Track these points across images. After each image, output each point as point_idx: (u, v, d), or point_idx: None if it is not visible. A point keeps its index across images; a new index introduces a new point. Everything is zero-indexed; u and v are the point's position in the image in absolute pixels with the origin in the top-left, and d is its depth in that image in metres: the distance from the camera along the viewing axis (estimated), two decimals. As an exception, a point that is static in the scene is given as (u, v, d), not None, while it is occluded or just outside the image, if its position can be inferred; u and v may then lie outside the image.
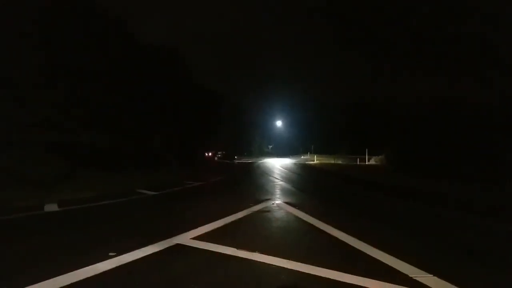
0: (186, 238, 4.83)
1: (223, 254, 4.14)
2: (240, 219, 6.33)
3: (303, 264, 3.71)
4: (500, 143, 15.21)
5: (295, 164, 34.28)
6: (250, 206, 7.60)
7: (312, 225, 5.88)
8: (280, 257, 3.94)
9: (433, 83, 19.72)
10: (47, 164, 12.50)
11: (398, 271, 3.57)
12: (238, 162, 38.28)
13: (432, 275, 3.44)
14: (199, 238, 4.87)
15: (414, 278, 3.37)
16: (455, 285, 3.20)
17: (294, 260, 3.83)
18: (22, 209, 7.13)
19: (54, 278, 3.27)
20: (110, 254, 4.00)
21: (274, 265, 3.72)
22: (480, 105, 17.04)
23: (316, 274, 3.45)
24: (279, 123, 74.56)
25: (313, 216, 6.46)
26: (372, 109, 34.75)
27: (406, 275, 3.44)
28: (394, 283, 3.21)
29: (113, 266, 3.65)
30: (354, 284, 3.20)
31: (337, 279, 3.32)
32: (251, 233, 5.34)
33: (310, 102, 65.23)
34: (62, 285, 3.15)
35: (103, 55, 18.08)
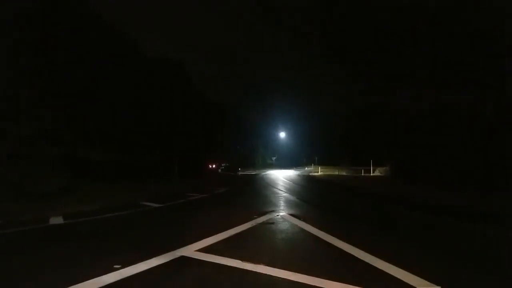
0: (190, 251, 4.81)
1: (228, 266, 4.11)
2: (244, 231, 6.30)
3: (308, 277, 3.67)
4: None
5: (299, 175, 34.17)
6: (254, 218, 7.57)
7: (317, 237, 5.83)
8: (285, 270, 3.90)
9: (436, 94, 19.83)
10: (51, 178, 12.59)
11: (406, 283, 3.51)
12: (242, 174, 38.22)
13: (440, 287, 3.39)
14: (203, 250, 4.85)
15: (422, 290, 3.32)
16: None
17: (300, 272, 3.80)
18: (28, 222, 7.16)
19: (59, 291, 3.27)
20: (115, 266, 3.99)
21: (280, 278, 3.69)
22: (481, 115, 17.08)
23: (322, 286, 3.41)
24: (282, 135, 74.81)
25: (318, 228, 6.40)
26: (376, 120, 34.78)
27: (413, 287, 3.39)
28: (401, 296, 3.17)
29: (118, 278, 3.65)
30: (361, 297, 3.16)
31: (343, 291, 3.28)
32: (256, 245, 5.31)
33: (313, 114, 65.53)
34: (67, 298, 3.15)
35: (106, 68, 18.37)
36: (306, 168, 54.71)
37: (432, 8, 20.63)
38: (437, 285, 3.44)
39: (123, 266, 4.00)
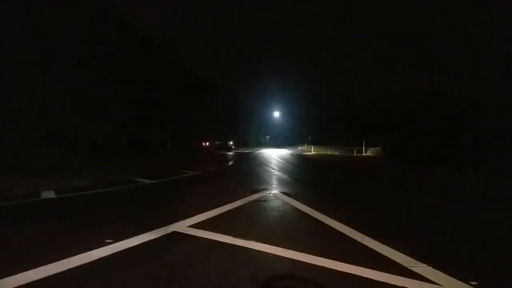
0: (182, 226, 4.84)
1: (220, 242, 4.15)
2: (236, 208, 6.35)
3: (298, 253, 3.73)
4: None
5: (292, 154, 34.30)
6: (246, 196, 7.62)
7: (308, 214, 5.91)
8: (276, 246, 3.96)
9: (429, 78, 19.82)
10: (43, 152, 12.42)
11: (393, 260, 3.60)
12: (235, 152, 38.23)
13: (426, 265, 3.48)
14: (195, 226, 4.88)
15: (409, 268, 3.40)
16: (449, 275, 3.23)
17: (290, 249, 3.86)
18: (19, 196, 7.09)
19: (50, 264, 3.27)
20: (107, 241, 4.00)
21: (270, 253, 3.74)
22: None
23: (312, 262, 3.48)
24: (276, 114, 74.28)
25: (309, 206, 6.49)
26: (369, 100, 34.81)
27: (401, 265, 3.47)
28: (388, 273, 3.24)
29: (109, 253, 3.66)
30: (349, 273, 3.23)
31: (332, 267, 3.35)
32: (247, 222, 5.36)
33: (307, 93, 65.15)
34: (58, 271, 3.15)
35: (100, 44, 17.83)
36: (299, 148, 54.83)
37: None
38: (424, 263, 3.52)
39: (115, 241, 4.02)
